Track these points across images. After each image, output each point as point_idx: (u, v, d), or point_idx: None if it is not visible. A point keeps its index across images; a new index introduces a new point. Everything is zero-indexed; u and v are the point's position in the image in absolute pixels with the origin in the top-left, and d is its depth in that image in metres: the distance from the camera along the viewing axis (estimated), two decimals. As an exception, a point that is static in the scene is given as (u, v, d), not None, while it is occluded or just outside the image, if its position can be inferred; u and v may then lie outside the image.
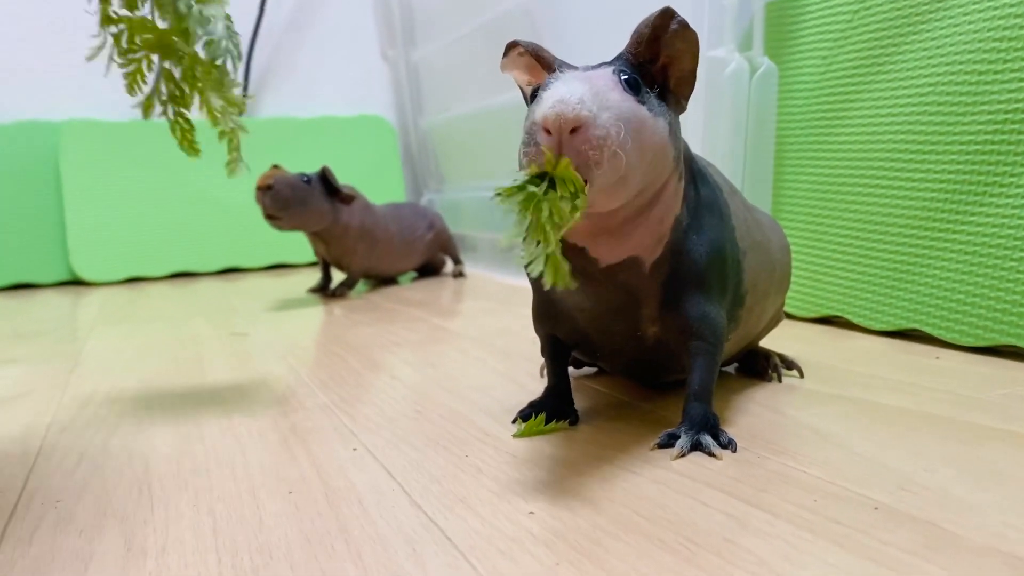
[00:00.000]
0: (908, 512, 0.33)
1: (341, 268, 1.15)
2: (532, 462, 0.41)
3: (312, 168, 1.09)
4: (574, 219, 0.34)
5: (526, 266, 0.34)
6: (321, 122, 1.71)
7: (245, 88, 1.69)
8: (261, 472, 0.42)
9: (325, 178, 1.08)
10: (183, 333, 0.88)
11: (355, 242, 1.12)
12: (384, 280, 1.27)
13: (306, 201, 1.04)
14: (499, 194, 0.35)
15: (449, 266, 1.38)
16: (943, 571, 0.28)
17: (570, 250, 0.41)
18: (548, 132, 0.35)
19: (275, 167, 1.03)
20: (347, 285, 1.15)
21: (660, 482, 0.37)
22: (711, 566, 0.29)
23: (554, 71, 0.40)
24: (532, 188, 0.34)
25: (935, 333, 0.64)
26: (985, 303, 0.60)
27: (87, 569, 0.32)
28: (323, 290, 1.15)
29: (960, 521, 0.32)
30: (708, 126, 0.79)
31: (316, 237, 1.12)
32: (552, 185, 0.34)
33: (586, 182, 0.35)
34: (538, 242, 0.34)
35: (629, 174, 0.37)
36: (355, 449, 0.45)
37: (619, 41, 0.43)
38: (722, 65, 0.78)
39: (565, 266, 0.35)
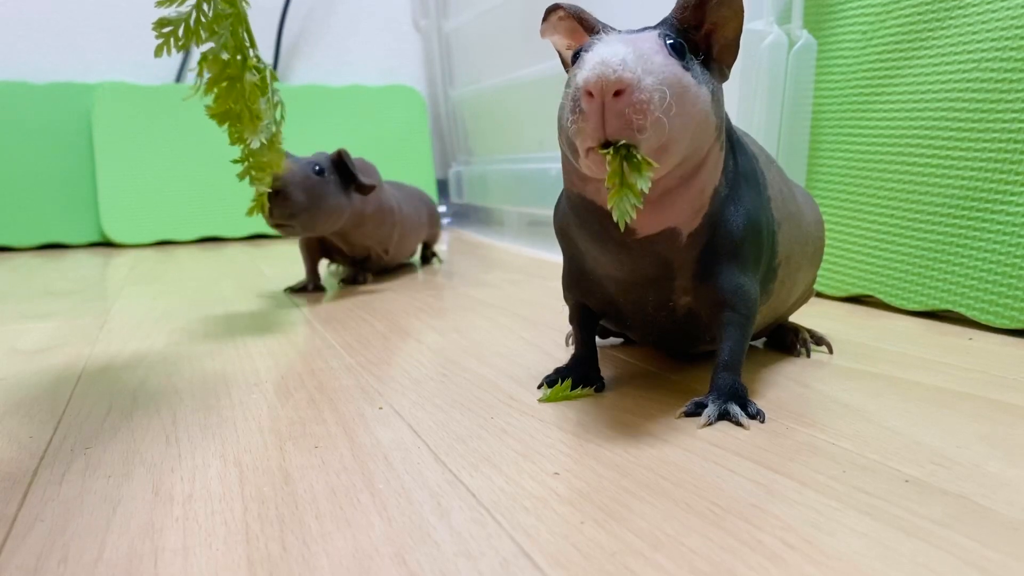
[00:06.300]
0: (939, 486, 0.32)
1: (366, 264, 0.97)
2: (557, 426, 0.41)
3: (337, 139, 0.91)
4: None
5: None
6: (351, 91, 1.70)
7: (276, 56, 1.69)
8: (287, 427, 0.42)
9: (340, 164, 0.85)
10: (211, 294, 0.89)
11: (375, 228, 0.93)
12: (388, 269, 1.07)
13: (321, 200, 0.81)
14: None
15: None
16: (973, 542, 0.27)
17: (607, 219, 0.40)
18: (590, 95, 0.34)
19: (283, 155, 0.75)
20: (368, 269, 0.97)
21: (686, 449, 0.37)
22: (737, 529, 0.29)
23: (597, 33, 0.40)
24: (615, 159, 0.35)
25: (969, 314, 0.63)
26: (1022, 284, 0.59)
27: (115, 512, 0.32)
28: (305, 289, 0.91)
29: (992, 496, 0.31)
30: (744, 99, 0.78)
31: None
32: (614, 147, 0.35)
33: (632, 146, 0.35)
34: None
35: (671, 142, 0.36)
36: (380, 408, 0.45)
37: (662, 9, 0.42)
38: (760, 37, 0.76)
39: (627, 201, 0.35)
